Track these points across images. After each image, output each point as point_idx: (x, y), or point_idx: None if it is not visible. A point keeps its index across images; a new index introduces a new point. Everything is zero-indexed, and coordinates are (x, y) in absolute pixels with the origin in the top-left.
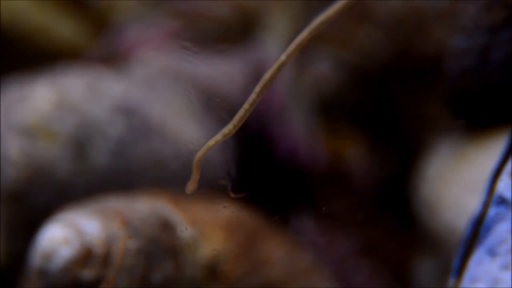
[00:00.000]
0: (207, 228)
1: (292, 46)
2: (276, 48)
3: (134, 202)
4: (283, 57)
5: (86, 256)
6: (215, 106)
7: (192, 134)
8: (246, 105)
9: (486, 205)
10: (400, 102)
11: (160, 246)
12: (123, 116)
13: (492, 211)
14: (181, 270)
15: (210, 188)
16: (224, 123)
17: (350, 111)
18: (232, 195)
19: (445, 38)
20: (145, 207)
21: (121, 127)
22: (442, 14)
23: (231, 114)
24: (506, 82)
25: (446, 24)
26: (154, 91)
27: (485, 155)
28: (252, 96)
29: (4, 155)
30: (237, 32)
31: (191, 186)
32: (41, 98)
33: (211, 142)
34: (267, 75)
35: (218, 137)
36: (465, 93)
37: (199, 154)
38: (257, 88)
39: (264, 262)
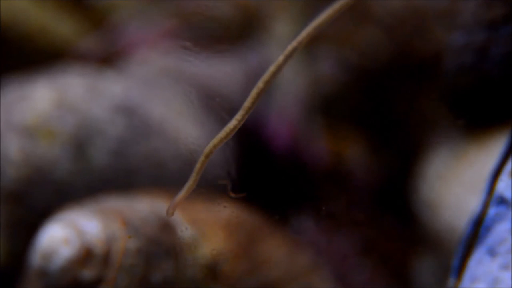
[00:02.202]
0: (207, 228)
1: (268, 74)
2: (276, 48)
3: (134, 202)
4: (260, 84)
5: (86, 256)
6: (215, 106)
7: (192, 134)
8: (227, 129)
9: (486, 205)
10: (400, 101)
11: (160, 246)
12: (123, 116)
13: (492, 211)
14: (181, 270)
15: (210, 188)
16: (224, 123)
17: (350, 110)
18: (232, 195)
19: (445, 38)
20: (145, 207)
21: (121, 127)
22: (442, 14)
23: (231, 114)
24: (505, 78)
25: (446, 24)
26: (154, 91)
27: (485, 155)
28: (233, 122)
29: (4, 155)
30: (238, 32)
31: (171, 207)
32: (41, 98)
33: (200, 164)
34: (247, 103)
35: (202, 158)
36: (464, 90)
37: (194, 175)
38: (238, 116)
39: (264, 262)
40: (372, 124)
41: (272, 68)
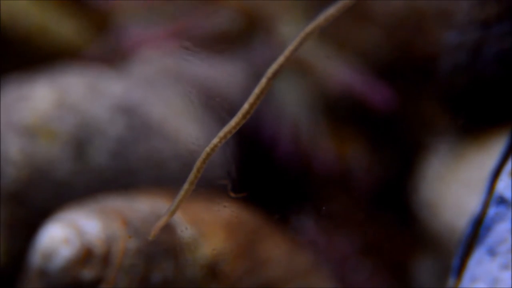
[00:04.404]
0: (207, 228)
1: (253, 96)
2: (277, 49)
3: (134, 202)
4: (246, 105)
5: (86, 255)
6: (215, 106)
7: (192, 134)
8: (210, 146)
9: (486, 205)
10: (400, 101)
11: (160, 246)
12: (123, 116)
13: (492, 210)
14: (181, 270)
15: (210, 188)
16: (224, 123)
17: (351, 111)
18: (232, 195)
19: (443, 37)
20: (145, 207)
21: (121, 127)
22: (442, 14)
23: (231, 114)
24: (498, 77)
25: (446, 23)
26: (154, 90)
27: (485, 155)
28: (216, 139)
29: (4, 155)
30: (239, 32)
31: (164, 221)
32: (41, 97)
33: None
34: (233, 123)
35: (186, 186)
36: (458, 89)
37: (177, 200)
38: (221, 133)
39: (264, 262)
40: (372, 124)
41: (256, 90)
